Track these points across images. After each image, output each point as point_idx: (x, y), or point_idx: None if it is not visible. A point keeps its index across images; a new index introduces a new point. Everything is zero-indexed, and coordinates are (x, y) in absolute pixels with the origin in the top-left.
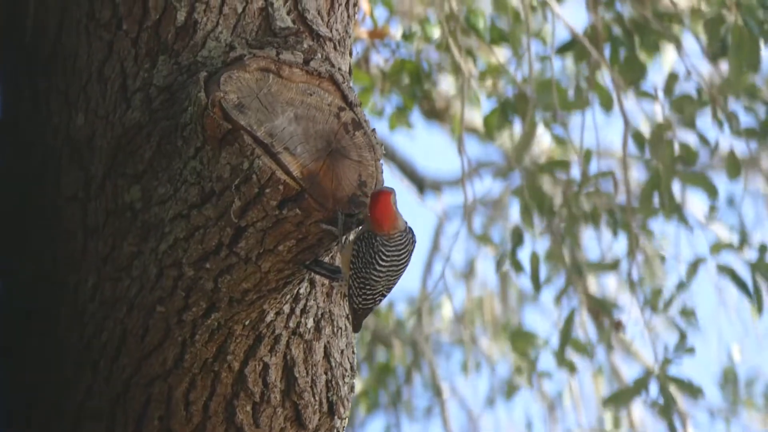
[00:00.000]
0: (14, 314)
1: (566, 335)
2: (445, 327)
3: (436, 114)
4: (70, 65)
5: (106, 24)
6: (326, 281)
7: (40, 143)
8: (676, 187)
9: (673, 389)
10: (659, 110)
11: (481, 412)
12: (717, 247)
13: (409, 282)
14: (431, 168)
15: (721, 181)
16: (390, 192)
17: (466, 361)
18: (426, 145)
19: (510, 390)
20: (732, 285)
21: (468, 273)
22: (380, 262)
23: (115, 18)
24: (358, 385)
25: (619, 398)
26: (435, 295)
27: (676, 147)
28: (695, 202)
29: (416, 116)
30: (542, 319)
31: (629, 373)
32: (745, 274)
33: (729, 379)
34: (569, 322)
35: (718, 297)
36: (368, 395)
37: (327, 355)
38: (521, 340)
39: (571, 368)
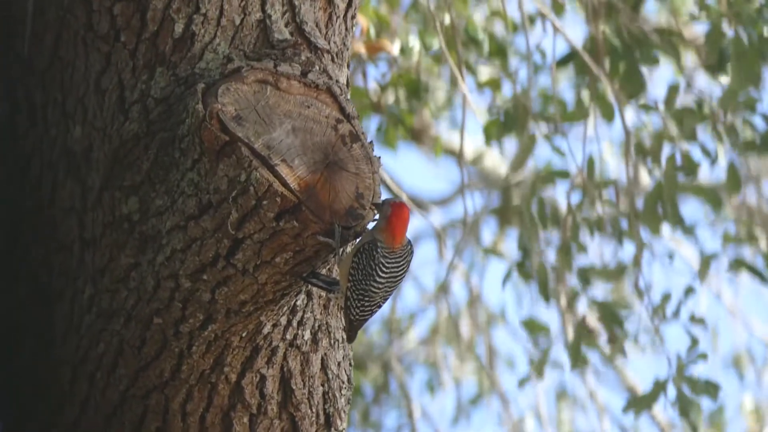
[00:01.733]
0: (10, 326)
1: (580, 332)
2: (413, 347)
3: (414, 135)
4: (68, 77)
5: (104, 36)
6: (323, 293)
7: (38, 155)
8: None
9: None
10: (660, 122)
11: (448, 431)
12: (728, 239)
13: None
14: (414, 187)
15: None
16: (408, 207)
17: (431, 381)
18: (405, 165)
19: (521, 383)
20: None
21: (438, 293)
22: (381, 274)
23: (113, 30)
24: None
25: (639, 404)
26: (405, 318)
27: (678, 158)
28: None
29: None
30: (511, 340)
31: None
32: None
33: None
34: (583, 322)
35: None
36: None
37: (324, 367)
38: (534, 328)
39: (583, 362)
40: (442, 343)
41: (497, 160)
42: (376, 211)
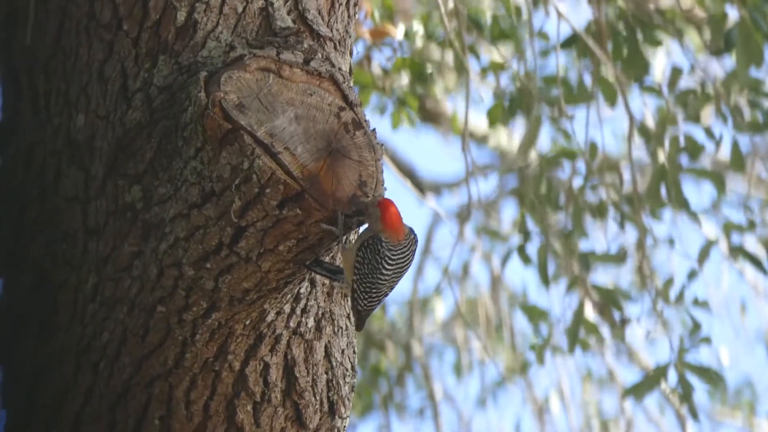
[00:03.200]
0: (14, 316)
1: (579, 316)
2: (437, 328)
3: (430, 117)
4: (71, 66)
5: (106, 24)
6: (327, 281)
7: (41, 144)
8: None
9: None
10: (663, 105)
11: (473, 413)
12: (728, 227)
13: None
14: (428, 170)
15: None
16: (392, 202)
17: (458, 363)
18: (421, 148)
19: (523, 367)
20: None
21: (462, 276)
22: (386, 266)
23: (115, 18)
24: None
25: (640, 388)
26: (427, 297)
27: (682, 140)
28: (695, 199)
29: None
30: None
31: (628, 377)
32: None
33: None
34: (581, 306)
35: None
36: (361, 397)
37: (328, 355)
38: (535, 314)
39: (585, 346)
40: (463, 325)
41: (515, 140)
42: (365, 217)
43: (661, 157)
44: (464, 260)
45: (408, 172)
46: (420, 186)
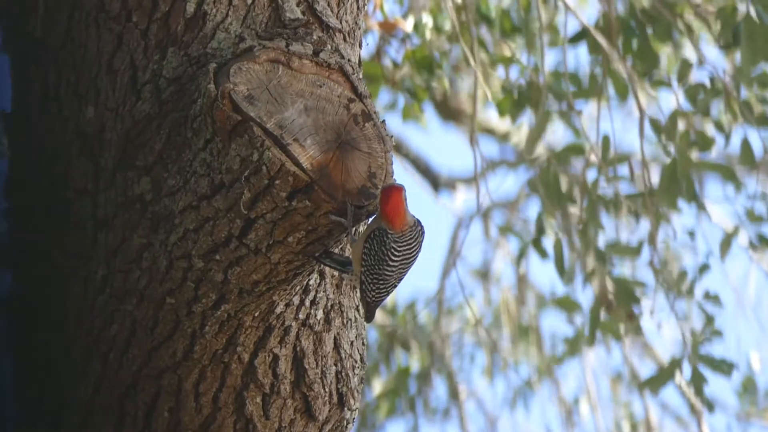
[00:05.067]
0: (24, 307)
1: (596, 314)
2: (467, 328)
3: (452, 115)
4: (80, 57)
5: (115, 16)
6: (336, 273)
7: (50, 136)
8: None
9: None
10: (674, 100)
11: (499, 414)
12: (751, 215)
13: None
14: (446, 166)
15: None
16: (401, 188)
17: (488, 365)
18: (442, 145)
19: (554, 361)
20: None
21: (485, 273)
22: (393, 258)
23: (124, 10)
24: (377, 387)
25: (655, 382)
26: (453, 297)
27: (692, 134)
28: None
29: (432, 116)
30: (560, 322)
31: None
32: None
33: (747, 387)
34: (598, 302)
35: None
36: (388, 397)
37: (337, 347)
38: (567, 305)
39: (616, 336)
40: (482, 331)
41: (553, 134)
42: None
43: (672, 150)
44: (487, 258)
45: (423, 168)
46: (435, 182)
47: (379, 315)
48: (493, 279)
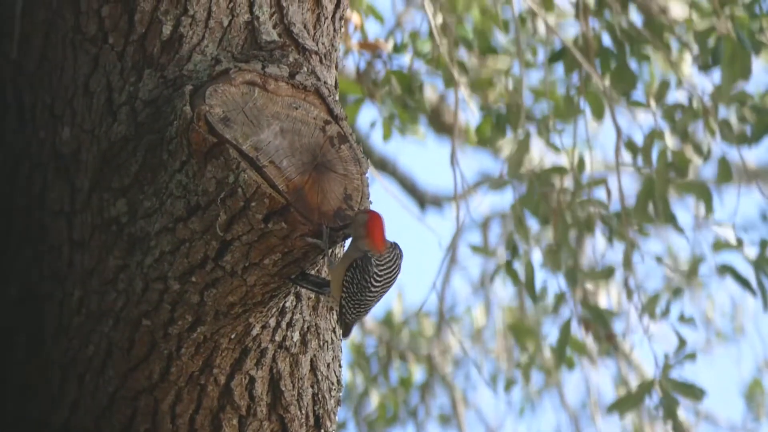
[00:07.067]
0: (0, 328)
1: (566, 334)
2: (466, 340)
3: (445, 128)
4: (56, 79)
5: (91, 38)
6: (312, 295)
7: (26, 157)
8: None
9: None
10: (651, 119)
11: (501, 424)
12: (718, 246)
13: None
14: (433, 183)
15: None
16: (379, 214)
17: (494, 376)
18: (435, 160)
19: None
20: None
21: (481, 286)
22: (374, 284)
23: (101, 32)
24: (375, 398)
25: (624, 404)
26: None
27: (669, 155)
28: (682, 215)
29: (426, 130)
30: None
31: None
32: (746, 272)
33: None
34: (567, 324)
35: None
36: (385, 408)
37: (313, 369)
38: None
39: (570, 364)
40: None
41: (535, 153)
42: (351, 229)
43: (648, 171)
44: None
45: (410, 187)
46: (422, 200)
47: (376, 327)
48: (490, 289)
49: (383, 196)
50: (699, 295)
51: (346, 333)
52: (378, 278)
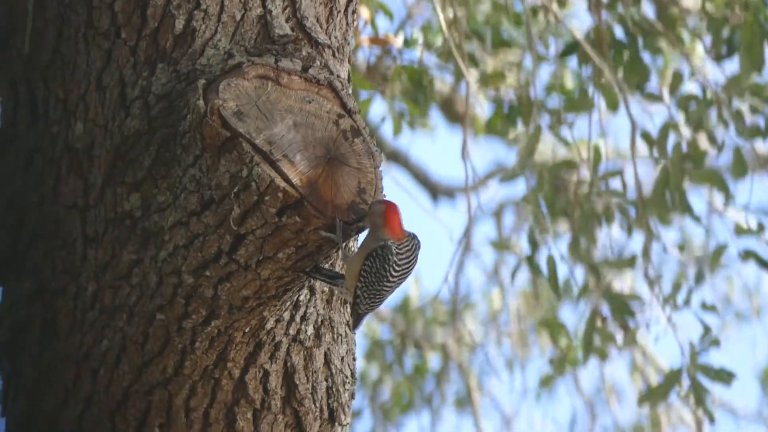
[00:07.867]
0: (14, 323)
1: (591, 325)
2: (480, 326)
3: (458, 118)
4: (69, 74)
5: (104, 32)
6: (326, 288)
7: (39, 152)
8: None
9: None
10: (664, 110)
11: (516, 410)
12: (739, 230)
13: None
14: (446, 174)
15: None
16: (395, 203)
17: (510, 361)
18: (447, 149)
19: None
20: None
21: (494, 273)
22: (393, 274)
23: (113, 26)
24: (389, 385)
25: (654, 395)
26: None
27: (684, 146)
28: (696, 204)
29: (439, 120)
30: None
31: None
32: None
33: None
34: (593, 315)
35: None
36: (401, 395)
37: (327, 362)
38: (554, 329)
39: (602, 355)
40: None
41: (547, 145)
42: (365, 222)
43: (664, 162)
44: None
45: (422, 179)
46: (434, 191)
47: (390, 315)
48: (505, 278)
49: (395, 188)
50: (715, 281)
51: (356, 325)
52: (397, 267)
